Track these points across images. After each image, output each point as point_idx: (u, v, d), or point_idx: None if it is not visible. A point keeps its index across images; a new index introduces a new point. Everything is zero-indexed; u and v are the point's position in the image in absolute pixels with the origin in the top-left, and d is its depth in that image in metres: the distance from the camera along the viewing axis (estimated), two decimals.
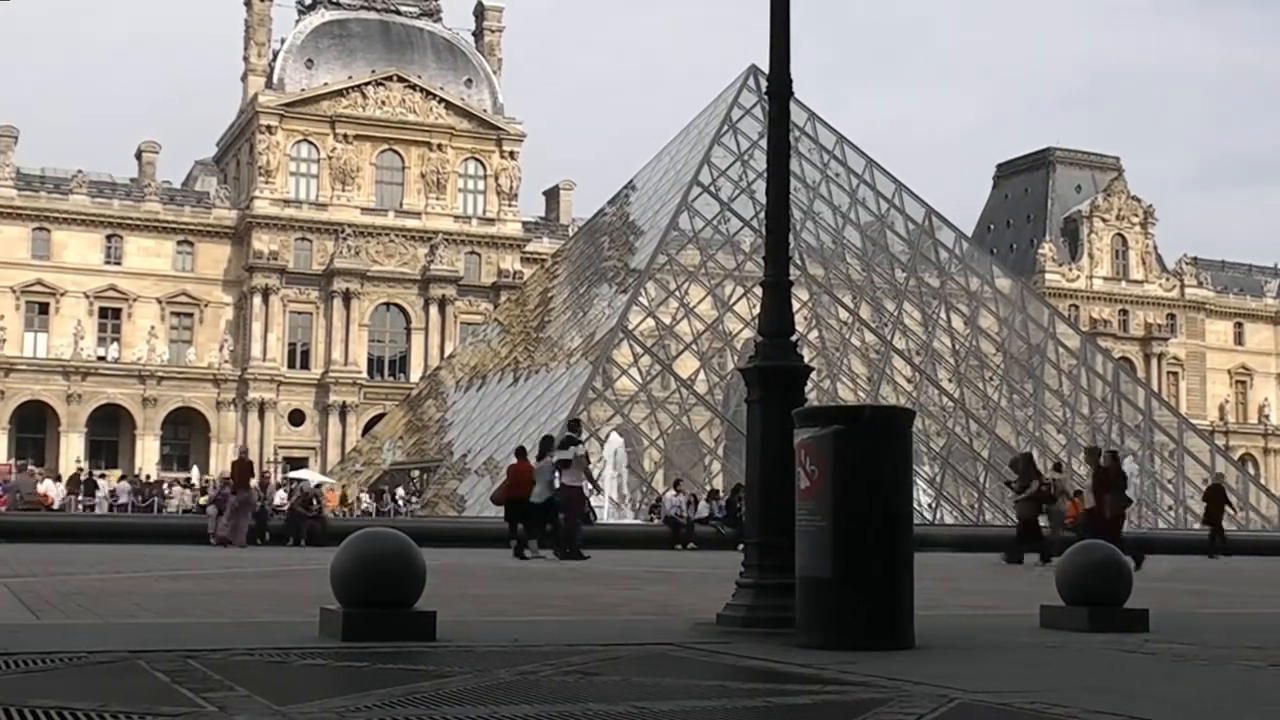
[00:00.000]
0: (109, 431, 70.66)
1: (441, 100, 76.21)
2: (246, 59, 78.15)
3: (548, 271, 54.24)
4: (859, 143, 45.74)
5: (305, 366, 72.88)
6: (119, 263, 72.03)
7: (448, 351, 67.14)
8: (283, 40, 77.61)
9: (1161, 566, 19.74)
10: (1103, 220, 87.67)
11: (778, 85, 7.75)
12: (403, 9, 79.87)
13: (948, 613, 9.62)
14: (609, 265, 45.56)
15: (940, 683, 5.06)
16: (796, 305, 10.10)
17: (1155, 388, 70.28)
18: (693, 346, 42.70)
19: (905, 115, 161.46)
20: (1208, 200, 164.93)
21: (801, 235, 41.15)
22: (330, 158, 74.18)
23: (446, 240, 74.53)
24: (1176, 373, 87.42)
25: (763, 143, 27.02)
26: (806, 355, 19.82)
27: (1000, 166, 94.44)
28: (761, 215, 9.41)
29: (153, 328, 71.25)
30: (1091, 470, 20.74)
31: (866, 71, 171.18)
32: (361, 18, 78.60)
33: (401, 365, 73.86)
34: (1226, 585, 15.62)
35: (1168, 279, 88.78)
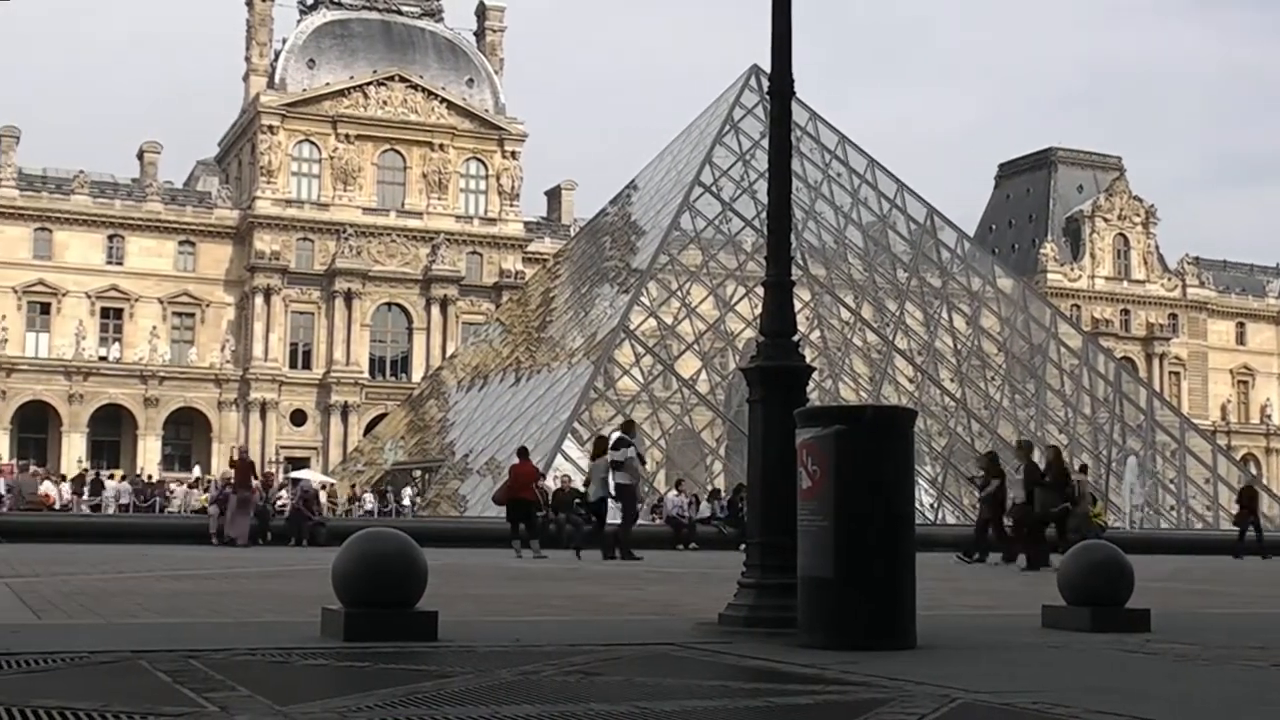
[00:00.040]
0: (110, 431, 70.68)
1: (443, 100, 76.20)
2: (248, 59, 78.15)
3: (549, 271, 54.23)
4: (859, 143, 45.78)
5: (307, 366, 72.89)
6: (121, 263, 72.07)
7: (449, 351, 67.13)
8: (284, 40, 77.62)
9: (1163, 567, 19.73)
10: (1104, 220, 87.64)
11: (779, 85, 7.74)
12: (404, 9, 79.85)
13: (950, 613, 9.62)
14: (611, 265, 45.55)
15: (942, 683, 5.05)
16: (798, 305, 10.09)
17: (1157, 388, 70.23)
18: (694, 346, 42.71)
19: (905, 115, 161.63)
20: (1209, 200, 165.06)
21: (803, 235, 41.14)
22: (332, 158, 74.19)
23: (448, 240, 74.52)
24: (1178, 373, 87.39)
25: (764, 142, 26.99)
26: (808, 355, 19.82)
27: (1002, 166, 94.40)
28: (763, 215, 9.41)
29: (154, 328, 71.27)
30: (1023, 465, 20.48)
31: (866, 71, 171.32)
32: (363, 18, 78.58)
33: (403, 365, 73.85)
34: (1229, 585, 15.61)
35: (1170, 279, 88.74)
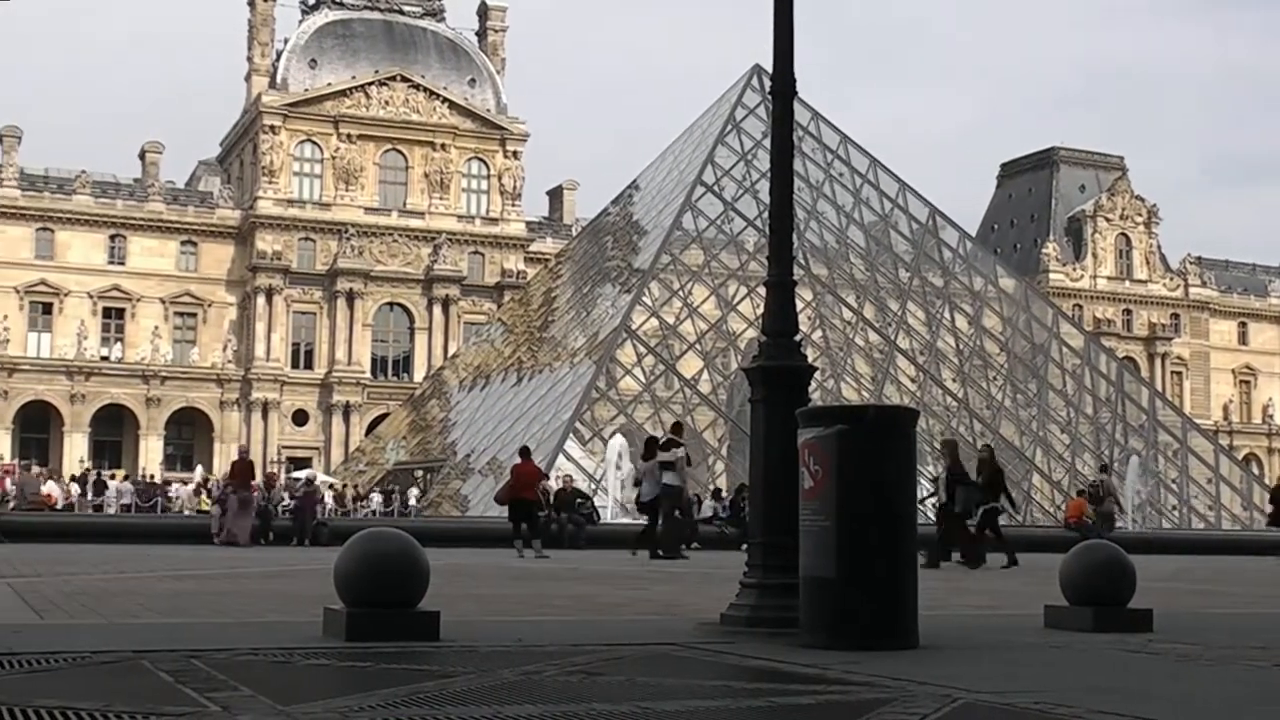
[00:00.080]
0: (112, 431, 70.69)
1: (445, 100, 76.19)
2: (250, 59, 78.12)
3: (551, 271, 54.22)
4: (860, 143, 45.78)
5: (309, 366, 72.88)
6: (123, 263, 72.09)
7: (451, 351, 67.12)
8: (286, 40, 77.61)
9: (1165, 566, 19.71)
10: (1106, 220, 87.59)
11: (781, 85, 7.74)
12: (406, 9, 79.82)
13: (952, 613, 9.61)
14: (612, 265, 45.54)
15: (944, 683, 5.05)
16: (800, 305, 10.09)
17: (1159, 388, 70.20)
18: (696, 346, 42.71)
19: (903, 115, 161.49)
20: (1211, 200, 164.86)
21: (805, 235, 41.13)
22: (334, 158, 74.19)
23: (450, 240, 74.51)
24: (1180, 372, 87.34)
25: (766, 142, 26.97)
26: (810, 355, 19.80)
27: (1004, 166, 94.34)
28: (765, 214, 9.43)
29: (156, 328, 71.28)
30: (946, 464, 20.26)
31: (864, 72, 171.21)
32: (365, 18, 78.56)
33: (405, 365, 73.84)
34: (1231, 585, 15.59)
35: (1172, 279, 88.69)
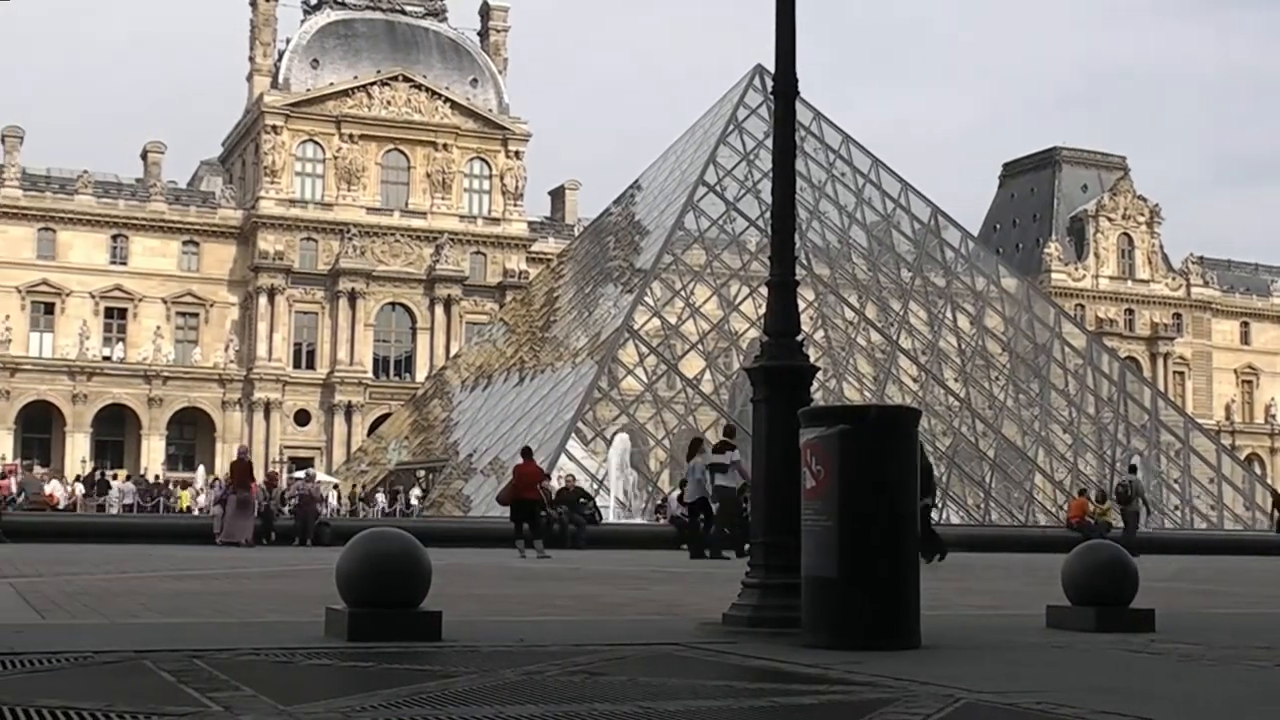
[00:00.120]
0: (114, 431, 70.73)
1: (447, 100, 76.20)
2: (252, 59, 78.13)
3: (553, 271, 54.22)
4: (862, 143, 45.76)
5: (310, 366, 72.90)
6: (124, 263, 72.12)
7: (453, 351, 67.11)
8: (288, 40, 77.61)
9: (1168, 567, 19.71)
10: (1109, 219, 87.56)
11: (783, 85, 7.73)
12: (408, 9, 79.83)
13: (954, 613, 9.61)
14: (614, 265, 45.53)
15: (946, 683, 5.05)
16: (802, 305, 10.10)
17: (1161, 387, 70.16)
18: (698, 346, 42.67)
19: (905, 116, 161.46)
20: (1213, 200, 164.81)
21: (807, 235, 41.12)
22: (336, 158, 74.21)
23: (452, 240, 74.51)
24: (1183, 372, 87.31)
25: (768, 142, 26.96)
26: (812, 355, 19.79)
27: (1006, 166, 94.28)
28: (767, 215, 9.42)
29: (158, 328, 71.32)
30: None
31: (866, 72, 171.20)
32: (367, 18, 78.58)
33: (407, 365, 73.85)
34: (1234, 585, 15.58)
35: (1174, 278, 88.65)
